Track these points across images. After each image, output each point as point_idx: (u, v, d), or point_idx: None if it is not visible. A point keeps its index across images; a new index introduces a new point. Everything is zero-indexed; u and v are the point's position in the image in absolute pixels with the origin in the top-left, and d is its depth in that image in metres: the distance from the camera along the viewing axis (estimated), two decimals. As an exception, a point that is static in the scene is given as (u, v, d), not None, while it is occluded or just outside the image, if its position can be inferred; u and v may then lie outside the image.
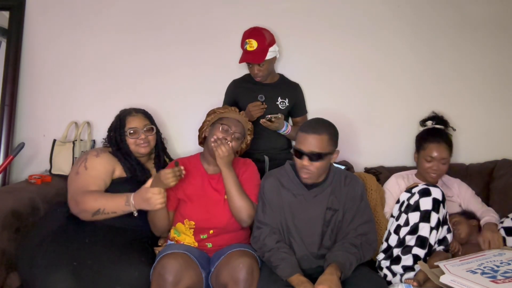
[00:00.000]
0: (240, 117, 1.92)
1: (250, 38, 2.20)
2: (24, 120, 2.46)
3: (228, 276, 1.60)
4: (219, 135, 1.82)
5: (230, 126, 1.85)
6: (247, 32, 2.27)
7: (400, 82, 2.58)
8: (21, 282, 1.74)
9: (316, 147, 1.65)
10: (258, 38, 2.20)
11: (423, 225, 1.74)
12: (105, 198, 1.77)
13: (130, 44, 2.48)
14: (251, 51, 2.20)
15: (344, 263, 1.61)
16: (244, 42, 2.22)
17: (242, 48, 2.26)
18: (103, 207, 1.74)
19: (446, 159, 2.09)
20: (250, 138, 1.98)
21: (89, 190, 1.80)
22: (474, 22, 2.56)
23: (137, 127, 1.96)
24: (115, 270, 1.63)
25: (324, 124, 1.73)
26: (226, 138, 1.81)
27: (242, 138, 1.90)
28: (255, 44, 2.19)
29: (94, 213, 1.75)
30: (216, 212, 1.82)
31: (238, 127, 1.87)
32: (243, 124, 1.91)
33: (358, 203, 1.78)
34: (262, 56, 2.20)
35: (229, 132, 1.84)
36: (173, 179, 1.69)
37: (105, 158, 1.91)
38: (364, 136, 2.59)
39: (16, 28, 2.41)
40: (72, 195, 1.82)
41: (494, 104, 2.60)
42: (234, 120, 1.88)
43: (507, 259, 1.69)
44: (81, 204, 1.77)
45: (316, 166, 1.67)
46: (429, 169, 2.10)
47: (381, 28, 2.55)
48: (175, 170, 1.70)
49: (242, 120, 1.92)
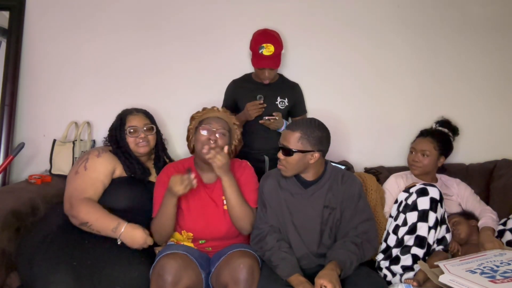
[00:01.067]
0: (219, 113, 1.85)
1: (268, 43, 2.16)
2: (24, 120, 2.46)
3: (229, 277, 1.59)
4: (203, 138, 1.76)
5: (210, 124, 1.78)
6: (261, 36, 2.22)
7: (400, 82, 2.59)
8: (21, 282, 1.74)
9: (287, 142, 1.71)
10: (275, 43, 2.18)
11: (421, 224, 1.74)
12: (96, 216, 1.74)
13: (130, 44, 2.49)
14: (269, 55, 2.17)
15: (344, 261, 1.62)
16: (259, 46, 2.17)
17: (254, 51, 2.20)
18: (91, 223, 1.73)
19: (426, 151, 2.13)
20: (239, 132, 1.88)
21: (87, 194, 1.80)
22: (475, 22, 2.57)
23: (137, 125, 1.96)
24: (115, 270, 1.63)
25: (304, 123, 1.73)
26: (210, 138, 1.75)
27: (228, 133, 1.82)
28: (272, 48, 2.16)
29: (82, 224, 1.75)
30: (215, 223, 1.79)
31: (219, 123, 1.80)
32: (224, 119, 1.84)
33: (356, 201, 1.78)
34: (278, 60, 2.21)
35: (212, 131, 1.77)
36: (181, 187, 1.61)
37: (106, 158, 1.90)
38: (364, 136, 2.59)
39: (16, 28, 2.41)
40: (68, 196, 1.81)
41: (494, 104, 2.60)
42: (214, 118, 1.81)
43: (507, 259, 1.69)
44: (74, 210, 1.76)
45: (287, 161, 1.72)
46: (411, 161, 2.18)
47: (381, 28, 2.55)
48: (183, 178, 1.61)
49: (222, 115, 1.85)
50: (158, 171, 1.99)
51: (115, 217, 1.76)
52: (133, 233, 1.74)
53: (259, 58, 2.20)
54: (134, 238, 1.74)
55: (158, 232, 1.77)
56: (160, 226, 1.75)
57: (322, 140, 1.72)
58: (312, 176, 1.78)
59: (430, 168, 2.16)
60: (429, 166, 2.15)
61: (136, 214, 1.83)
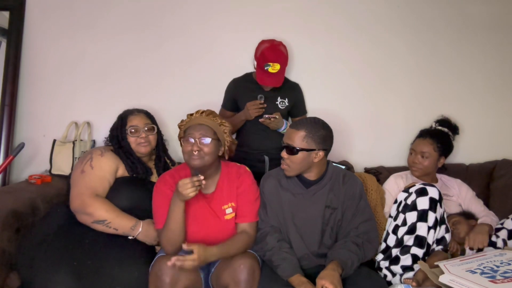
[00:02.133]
0: (201, 118, 1.73)
1: (276, 62, 2.15)
2: (24, 120, 2.46)
3: (229, 277, 1.59)
4: (187, 150, 1.68)
5: (192, 134, 1.69)
6: (271, 53, 2.16)
7: (400, 82, 2.59)
8: (21, 282, 1.73)
9: (291, 141, 1.71)
10: (282, 62, 2.18)
11: (420, 224, 1.75)
12: (115, 214, 1.77)
13: (131, 44, 2.49)
14: (273, 73, 2.17)
15: (345, 261, 1.62)
16: (265, 63, 2.15)
17: (260, 65, 2.18)
18: (110, 220, 1.75)
19: (426, 153, 2.13)
20: (228, 129, 1.79)
21: (97, 192, 1.81)
22: (474, 23, 2.57)
23: (138, 125, 1.96)
24: (115, 270, 1.64)
25: (309, 121, 1.73)
26: (193, 149, 1.67)
27: (214, 137, 1.72)
28: (278, 67, 2.16)
29: (98, 221, 1.75)
30: (215, 234, 1.74)
31: (202, 130, 1.70)
32: (207, 124, 1.72)
33: (357, 201, 1.78)
34: (282, 77, 2.22)
35: (195, 141, 1.68)
36: (192, 189, 1.56)
37: (109, 157, 1.91)
38: (364, 136, 2.59)
39: (16, 28, 2.42)
40: (79, 194, 1.80)
41: (494, 104, 2.61)
42: (195, 126, 1.71)
43: (507, 259, 1.69)
44: (88, 207, 1.76)
45: (291, 160, 1.71)
46: (411, 162, 2.18)
47: (381, 28, 2.55)
48: (193, 180, 1.57)
49: (205, 120, 1.73)
50: (159, 171, 1.99)
51: (130, 216, 1.80)
52: (149, 229, 1.79)
53: (264, 75, 2.19)
54: (149, 234, 1.79)
55: (170, 242, 1.66)
56: (171, 235, 1.65)
57: (326, 139, 1.73)
58: (314, 175, 1.78)
59: (430, 170, 2.16)
60: (429, 167, 2.15)
61: (137, 214, 1.83)
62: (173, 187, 1.68)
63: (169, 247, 1.66)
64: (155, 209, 1.74)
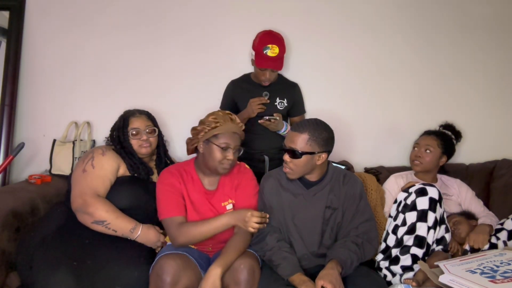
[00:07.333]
0: (235, 127, 1.76)
1: (274, 44, 2.14)
2: (24, 120, 2.46)
3: (229, 277, 1.60)
4: (218, 157, 1.71)
5: (230, 144, 1.72)
6: (267, 36, 2.20)
7: (400, 82, 2.59)
8: (21, 282, 1.73)
9: (294, 144, 1.69)
10: (280, 45, 2.17)
11: (420, 224, 1.75)
12: (115, 215, 1.77)
13: (131, 44, 2.49)
14: (273, 57, 2.16)
15: (345, 260, 1.63)
16: (264, 47, 2.15)
17: (258, 51, 2.17)
18: (110, 221, 1.75)
19: (430, 146, 2.14)
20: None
21: (98, 192, 1.81)
22: (475, 22, 2.57)
23: (139, 127, 1.96)
24: (115, 270, 1.63)
25: (311, 124, 1.72)
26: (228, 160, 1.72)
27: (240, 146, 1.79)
28: (277, 50, 2.15)
29: (97, 221, 1.74)
30: None
31: (236, 140, 1.75)
32: (238, 133, 1.78)
33: (358, 201, 1.78)
34: (281, 63, 2.21)
35: (231, 152, 1.73)
36: (257, 225, 1.61)
37: (111, 156, 1.91)
38: (364, 136, 2.59)
39: (16, 28, 2.41)
40: (81, 193, 1.80)
41: (494, 104, 2.61)
42: (231, 135, 1.73)
43: (507, 259, 1.69)
44: (90, 207, 1.76)
45: (295, 163, 1.70)
46: (414, 156, 2.18)
47: (381, 28, 2.55)
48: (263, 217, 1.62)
49: (237, 129, 1.77)
50: (159, 171, 1.99)
51: (130, 219, 1.79)
52: (148, 233, 1.79)
53: (263, 59, 2.17)
54: (149, 238, 1.79)
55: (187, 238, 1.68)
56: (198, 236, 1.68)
57: (328, 140, 1.72)
58: (316, 176, 1.78)
59: (431, 166, 2.16)
60: (430, 163, 2.15)
61: (137, 213, 1.83)
62: (180, 179, 1.77)
63: (183, 239, 1.67)
64: (162, 198, 1.76)
